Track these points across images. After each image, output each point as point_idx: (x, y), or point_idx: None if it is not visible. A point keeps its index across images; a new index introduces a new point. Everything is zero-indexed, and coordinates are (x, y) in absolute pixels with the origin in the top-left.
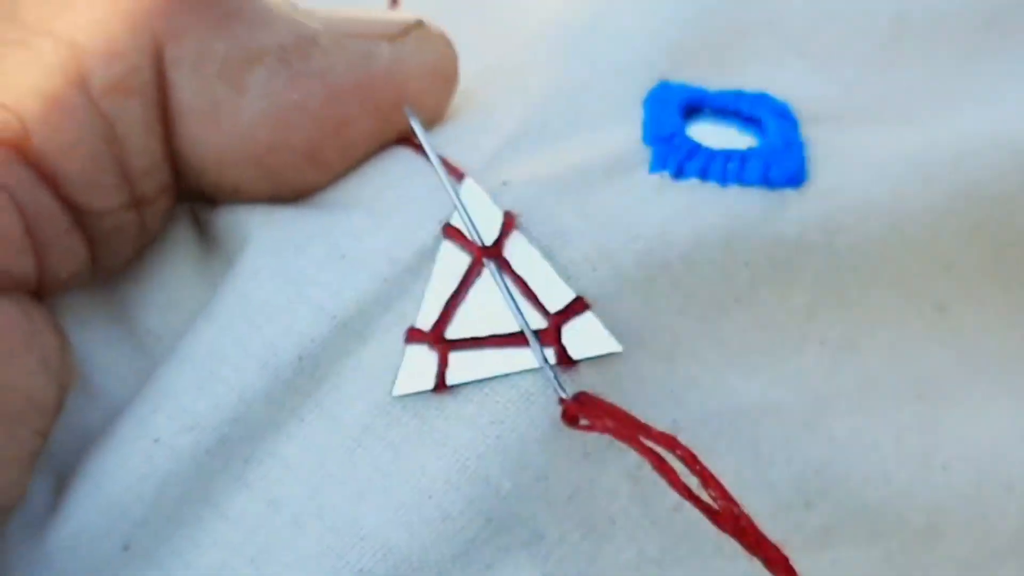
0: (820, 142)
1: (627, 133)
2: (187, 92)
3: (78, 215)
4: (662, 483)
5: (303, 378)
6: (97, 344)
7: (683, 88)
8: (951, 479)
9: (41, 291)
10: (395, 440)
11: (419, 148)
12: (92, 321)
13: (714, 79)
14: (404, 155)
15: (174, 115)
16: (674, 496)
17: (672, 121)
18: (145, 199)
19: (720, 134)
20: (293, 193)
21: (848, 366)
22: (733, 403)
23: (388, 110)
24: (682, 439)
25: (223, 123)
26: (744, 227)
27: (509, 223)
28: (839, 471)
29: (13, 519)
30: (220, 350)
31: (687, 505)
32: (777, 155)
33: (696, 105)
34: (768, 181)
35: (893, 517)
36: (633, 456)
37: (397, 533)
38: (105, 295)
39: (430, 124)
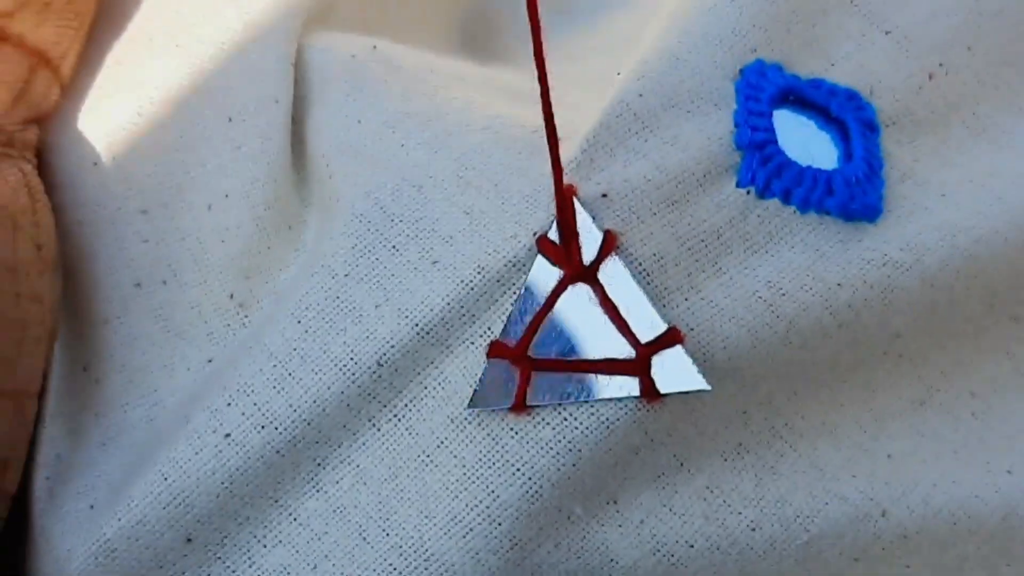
0: (898, 157)
1: (719, 126)
2: None
3: None
4: (736, 502)
5: (382, 385)
6: (175, 305)
7: (777, 73)
8: (1018, 481)
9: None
10: (468, 459)
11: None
12: (172, 280)
13: (802, 55)
14: (513, 145)
15: None
16: (751, 514)
17: (764, 120)
18: None
19: (800, 128)
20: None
21: (912, 378)
22: (796, 422)
23: None
24: (746, 460)
25: None
26: (823, 254)
27: (609, 244)
28: (906, 480)
29: (78, 496)
30: (302, 351)
31: (765, 522)
32: (860, 186)
33: (786, 93)
34: (847, 213)
35: (967, 519)
36: (704, 477)
37: (462, 559)
38: (183, 253)
39: None
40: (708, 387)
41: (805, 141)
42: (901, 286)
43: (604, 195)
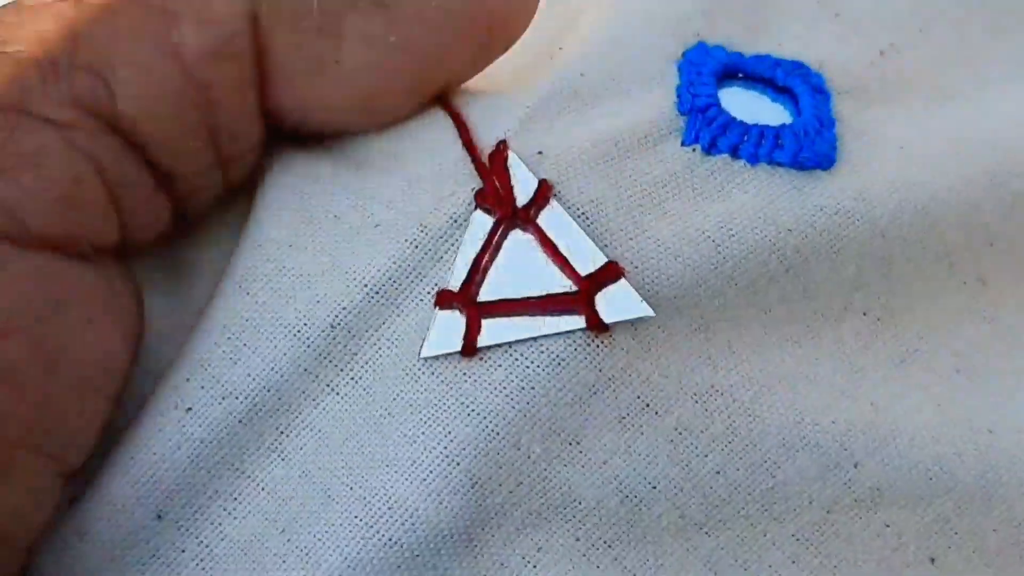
0: (852, 120)
1: (661, 99)
2: (286, 51)
3: (163, 178)
4: (702, 445)
5: (337, 348)
6: (159, 310)
7: (719, 52)
8: (999, 441)
9: (122, 252)
10: (423, 406)
11: (455, 113)
12: (152, 289)
13: (748, 38)
14: (439, 119)
15: (273, 75)
16: (716, 459)
17: (707, 88)
18: (233, 158)
19: (752, 102)
20: (395, 121)
21: (887, 337)
22: (771, 370)
23: (483, 34)
24: (719, 401)
25: (326, 76)
26: (776, 199)
27: (544, 189)
28: (884, 432)
29: None
30: (253, 320)
31: (730, 467)
32: (809, 137)
33: (731, 70)
34: (798, 163)
35: (945, 476)
36: (672, 419)
37: (425, 502)
38: (166, 260)
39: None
40: (652, 313)
41: (756, 112)
42: (850, 235)
43: (539, 152)
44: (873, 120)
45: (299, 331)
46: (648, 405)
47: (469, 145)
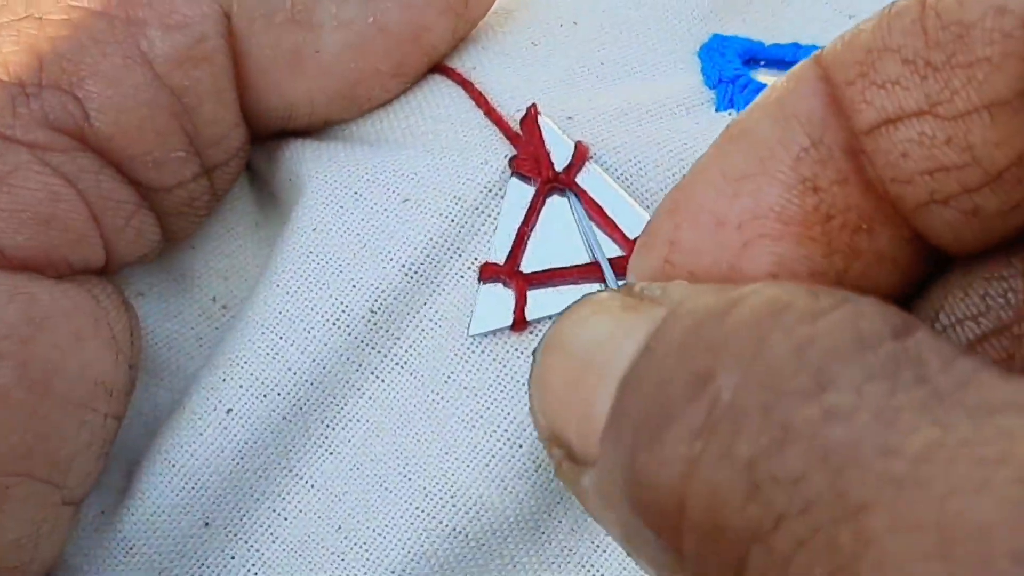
0: None
1: (688, 77)
2: (262, 48)
3: (147, 192)
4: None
5: (378, 333)
6: (158, 317)
7: (739, 40)
8: None
9: (110, 269)
10: (478, 387)
11: (465, 82)
12: (150, 293)
13: (765, 37)
14: (444, 89)
15: (251, 74)
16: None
17: (733, 65)
18: (218, 164)
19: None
20: (378, 105)
21: None
22: None
23: (459, 3)
24: None
25: (308, 68)
26: None
27: (581, 153)
28: None
29: (87, 506)
30: (288, 313)
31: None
32: None
33: (752, 57)
34: None
35: None
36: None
37: (489, 488)
38: (163, 264)
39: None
40: None
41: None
42: None
43: (569, 117)
44: None
45: (337, 319)
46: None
47: (491, 113)
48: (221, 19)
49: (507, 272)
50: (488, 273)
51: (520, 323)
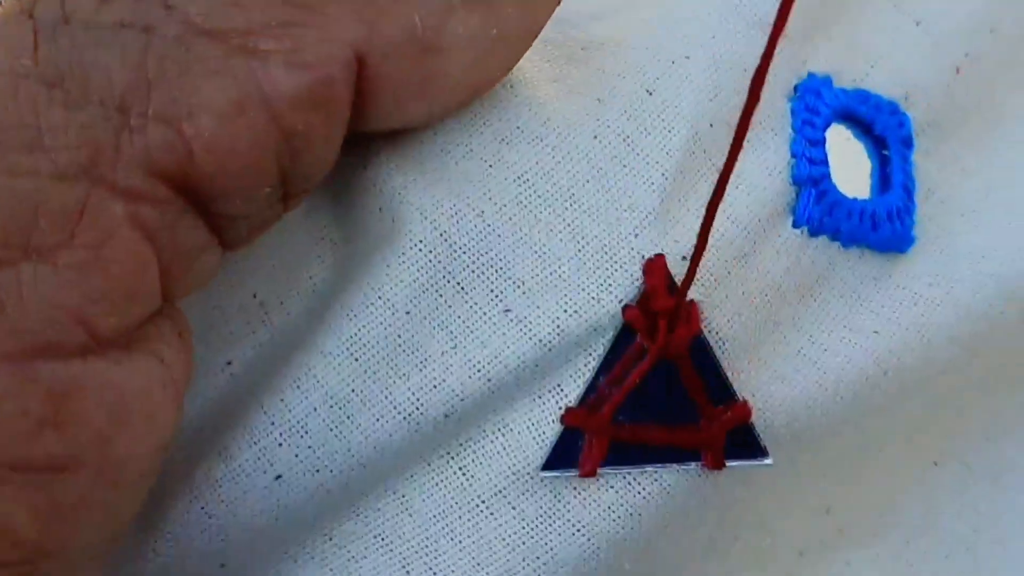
0: (925, 176)
1: (778, 159)
2: (392, 81)
3: (220, 224)
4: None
5: (444, 435)
6: (199, 304)
7: (829, 90)
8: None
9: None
10: (528, 514)
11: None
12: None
13: (846, 58)
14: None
15: (375, 107)
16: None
17: (818, 146)
18: (299, 194)
19: (848, 151)
20: None
21: (984, 460)
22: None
23: None
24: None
25: (435, 90)
26: (858, 305)
27: (695, 321)
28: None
29: None
30: (361, 392)
31: None
32: (900, 219)
33: (841, 112)
34: (884, 246)
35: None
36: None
37: None
38: None
39: None
40: (771, 462)
41: (842, 153)
42: (936, 323)
43: (683, 257)
44: (942, 165)
45: (410, 415)
46: (737, 537)
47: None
48: (351, 62)
49: (591, 425)
50: (571, 420)
51: (590, 473)
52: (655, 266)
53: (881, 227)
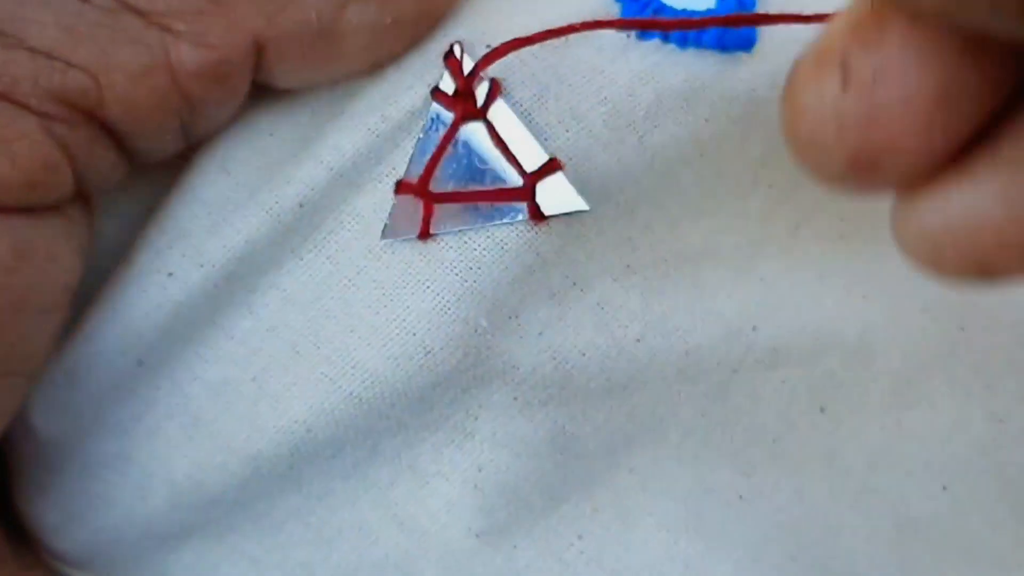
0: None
1: None
2: (290, 62)
3: (130, 151)
4: (623, 317)
5: (303, 223)
6: None
7: None
8: (872, 304)
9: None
10: (384, 282)
11: None
12: None
13: None
14: None
15: (273, 79)
16: (636, 328)
17: None
18: (199, 136)
19: None
20: None
21: (786, 208)
22: (679, 247)
23: None
24: (634, 279)
25: (330, 66)
26: (700, 87)
27: (495, 90)
28: (775, 301)
29: None
30: (232, 198)
31: (649, 336)
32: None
33: None
34: (723, 46)
35: (829, 336)
36: (595, 295)
37: (384, 364)
38: None
39: None
40: (586, 207)
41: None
42: (761, 119)
43: (488, 45)
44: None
45: (271, 208)
46: (575, 283)
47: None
48: (251, 51)
49: (418, 191)
50: (402, 189)
51: (425, 234)
52: (451, 53)
53: (708, 32)
